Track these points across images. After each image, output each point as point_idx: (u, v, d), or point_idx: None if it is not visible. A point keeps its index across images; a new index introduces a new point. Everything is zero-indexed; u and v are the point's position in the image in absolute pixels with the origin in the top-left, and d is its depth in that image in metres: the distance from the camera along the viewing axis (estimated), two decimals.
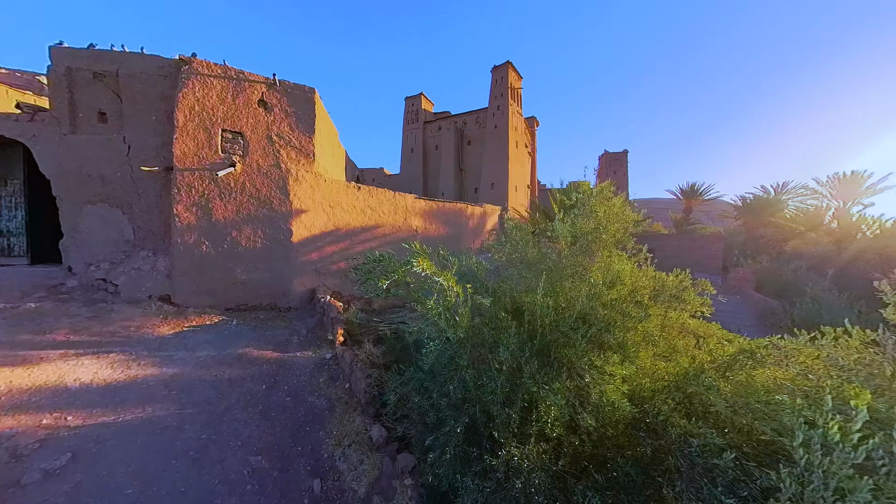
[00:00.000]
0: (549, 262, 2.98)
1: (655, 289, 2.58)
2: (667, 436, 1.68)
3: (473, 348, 2.27)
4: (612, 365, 1.83)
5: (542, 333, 2.25)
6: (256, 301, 7.06)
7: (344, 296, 8.47)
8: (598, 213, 2.96)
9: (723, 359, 1.93)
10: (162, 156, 6.57)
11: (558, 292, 2.58)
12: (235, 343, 5.81)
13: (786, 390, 1.69)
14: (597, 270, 3.01)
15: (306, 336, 6.59)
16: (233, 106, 6.74)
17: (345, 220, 8.40)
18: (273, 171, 7.11)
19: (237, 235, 6.80)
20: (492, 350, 2.15)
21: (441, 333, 2.27)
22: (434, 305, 2.20)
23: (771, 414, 1.63)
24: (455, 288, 2.17)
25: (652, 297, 2.40)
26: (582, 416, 1.70)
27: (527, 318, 2.32)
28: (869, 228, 17.10)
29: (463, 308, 2.21)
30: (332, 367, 5.57)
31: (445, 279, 2.17)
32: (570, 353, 2.04)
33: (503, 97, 18.42)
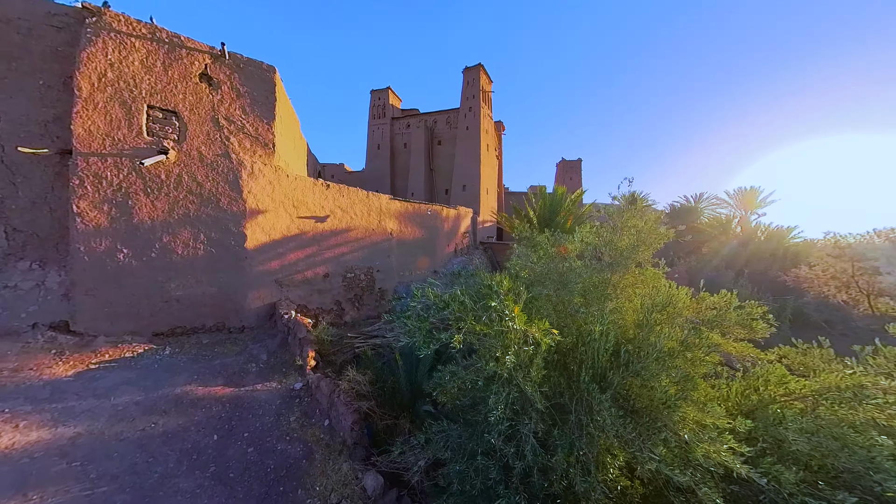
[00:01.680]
0: (583, 279, 2.69)
1: (699, 311, 2.43)
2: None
3: (545, 400, 1.83)
4: (714, 416, 1.56)
5: (608, 372, 1.91)
6: (198, 322, 5.72)
7: (311, 309, 7.41)
8: (634, 228, 2.74)
9: (807, 393, 1.77)
10: (54, 134, 4.90)
11: (605, 318, 2.27)
12: (171, 380, 4.55)
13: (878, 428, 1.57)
14: (631, 288, 2.80)
15: (267, 362, 5.49)
16: (164, 77, 5.33)
17: (311, 222, 7.34)
18: (220, 163, 5.83)
19: (170, 241, 5.41)
20: (566, 405, 1.75)
21: (504, 389, 1.79)
22: (507, 359, 1.70)
23: (870, 457, 1.47)
24: (542, 339, 1.70)
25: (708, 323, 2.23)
26: (701, 488, 1.39)
27: (588, 354, 1.97)
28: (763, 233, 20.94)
29: (538, 357, 1.77)
30: (305, 400, 4.67)
31: (538, 329, 1.69)
32: (651, 398, 1.73)
33: (475, 99, 18.36)
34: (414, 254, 10.65)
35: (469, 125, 18.39)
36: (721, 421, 1.56)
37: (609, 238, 2.70)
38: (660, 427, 1.69)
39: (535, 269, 2.93)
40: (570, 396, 1.87)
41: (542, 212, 9.07)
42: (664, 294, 2.31)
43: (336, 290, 7.88)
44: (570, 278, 2.72)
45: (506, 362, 1.69)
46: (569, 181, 34.20)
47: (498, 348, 1.80)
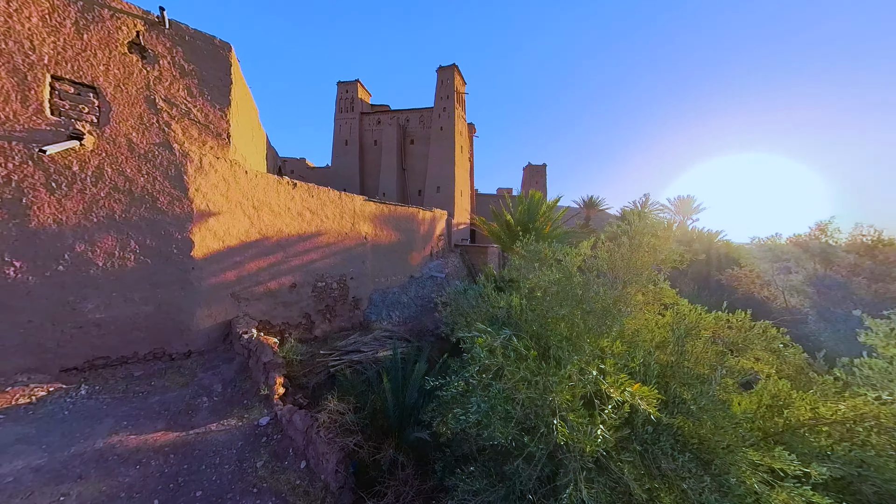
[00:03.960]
0: (600, 298, 2.52)
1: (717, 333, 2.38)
2: None
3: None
4: (783, 461, 1.42)
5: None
6: (127, 350, 4.63)
7: (275, 325, 6.52)
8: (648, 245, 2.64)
9: (839, 419, 1.74)
10: None
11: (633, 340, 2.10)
12: (89, 430, 3.54)
13: None
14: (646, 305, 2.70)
15: (223, 393, 4.62)
16: (77, 41, 4.20)
17: (275, 226, 6.45)
18: (158, 154, 4.79)
19: (87, 250, 4.28)
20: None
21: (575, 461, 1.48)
22: (598, 432, 1.38)
23: None
24: (648, 409, 1.40)
25: (732, 345, 2.18)
26: None
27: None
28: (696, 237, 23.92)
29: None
30: (275, 438, 3.96)
31: (642, 398, 1.38)
32: (701, 436, 1.57)
33: (449, 99, 18.04)
34: (390, 258, 10.05)
35: (443, 126, 18.06)
36: (790, 466, 1.45)
37: (628, 256, 2.56)
38: (718, 473, 1.54)
39: (550, 289, 2.70)
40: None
41: (521, 217, 9.10)
42: (692, 316, 2.21)
43: (305, 301, 7.05)
44: (588, 297, 2.53)
45: (594, 438, 1.39)
46: (535, 184, 35.67)
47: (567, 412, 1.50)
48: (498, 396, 1.86)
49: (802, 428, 1.95)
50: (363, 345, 7.22)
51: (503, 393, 1.83)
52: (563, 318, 2.49)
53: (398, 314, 9.83)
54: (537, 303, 2.63)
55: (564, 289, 2.61)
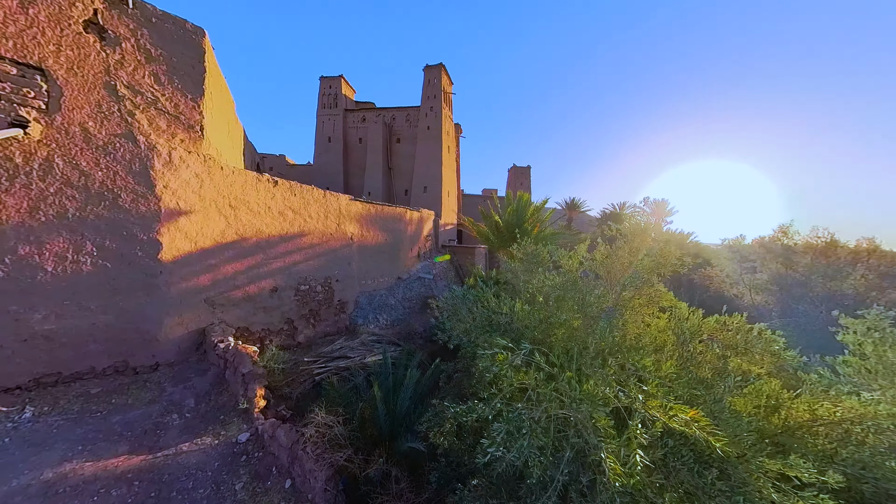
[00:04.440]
0: (599, 301, 2.48)
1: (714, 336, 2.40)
2: None
3: None
4: (798, 468, 1.39)
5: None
6: (83, 364, 4.15)
7: (254, 332, 6.12)
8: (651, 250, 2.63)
9: (837, 420, 1.76)
10: None
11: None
12: (36, 459, 3.11)
13: None
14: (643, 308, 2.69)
15: (196, 409, 4.23)
16: (21, 17, 3.70)
17: (255, 226, 6.05)
18: (120, 146, 4.33)
19: (32, 253, 3.79)
20: None
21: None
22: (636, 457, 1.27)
23: None
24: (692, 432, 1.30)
25: (733, 349, 2.19)
26: None
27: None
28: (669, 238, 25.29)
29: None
30: (256, 455, 3.66)
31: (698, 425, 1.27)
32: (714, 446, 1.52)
33: (436, 99, 17.83)
34: (377, 260, 9.77)
35: (430, 125, 17.85)
36: (805, 474, 1.43)
37: (628, 260, 2.54)
38: (734, 483, 1.51)
39: (551, 293, 2.63)
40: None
41: (510, 218, 9.11)
42: (694, 319, 2.20)
43: (287, 306, 6.68)
44: (590, 301, 2.48)
45: (633, 467, 1.30)
46: (519, 186, 36.18)
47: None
48: (528, 423, 1.74)
49: (800, 429, 1.97)
50: (350, 350, 6.94)
51: (533, 419, 1.71)
52: (563, 324, 2.42)
53: (386, 317, 9.57)
54: (539, 308, 2.56)
55: (567, 293, 2.54)
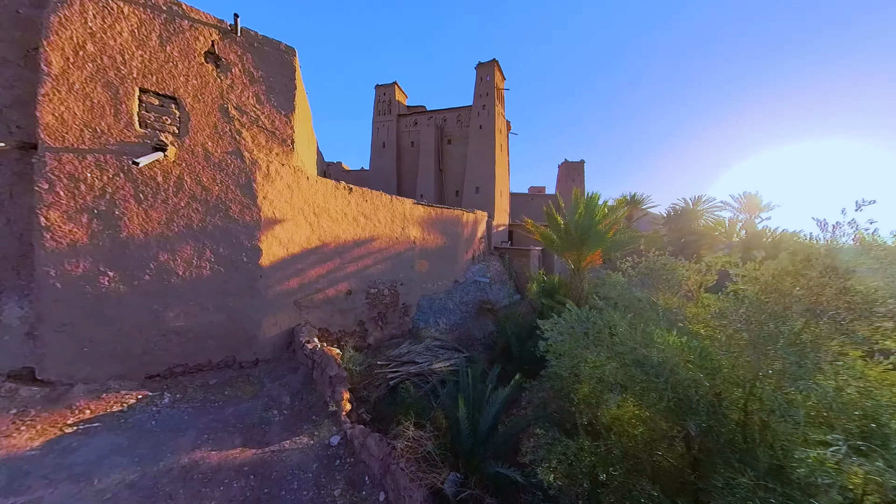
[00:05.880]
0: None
1: None
2: None
3: None
4: None
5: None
6: (202, 357, 4.67)
7: (332, 332, 6.42)
8: None
9: None
10: (12, 122, 3.77)
11: None
12: (174, 443, 3.52)
13: None
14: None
15: (292, 406, 4.50)
16: (161, 54, 4.26)
17: (333, 231, 6.34)
18: (231, 162, 4.79)
19: (169, 259, 4.34)
20: None
21: None
22: None
23: None
24: None
25: None
26: None
27: None
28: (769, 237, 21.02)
29: None
30: (348, 461, 3.72)
31: None
32: None
33: (489, 96, 17.41)
34: (437, 263, 9.73)
35: (483, 124, 17.46)
36: None
37: (819, 283, 1.87)
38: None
39: (727, 326, 2.06)
40: None
41: (581, 220, 8.30)
42: None
43: (359, 308, 6.91)
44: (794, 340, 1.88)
45: None
46: (571, 183, 33.66)
47: None
48: None
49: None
50: (417, 355, 6.94)
51: None
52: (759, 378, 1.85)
53: (445, 321, 9.49)
54: (721, 346, 1.93)
55: (762, 328, 1.95)
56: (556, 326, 3.02)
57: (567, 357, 2.79)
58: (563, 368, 2.90)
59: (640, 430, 2.39)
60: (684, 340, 2.03)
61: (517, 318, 9.59)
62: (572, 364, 2.72)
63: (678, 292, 2.73)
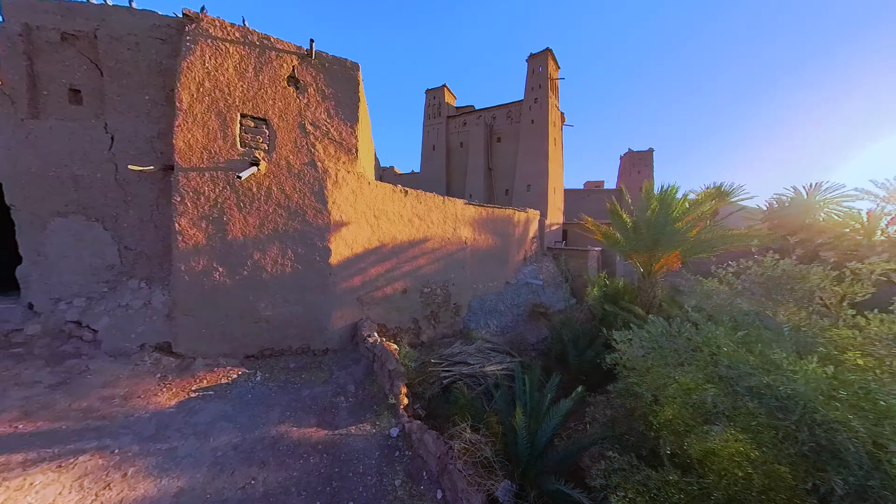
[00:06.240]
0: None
1: None
2: None
3: None
4: None
5: None
6: (285, 343, 5.35)
7: (389, 328, 6.78)
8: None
9: None
10: (158, 150, 4.82)
11: None
12: (265, 416, 4.11)
13: None
14: None
15: (356, 395, 4.89)
16: (255, 83, 4.99)
17: (391, 233, 6.69)
18: (307, 172, 5.38)
19: (261, 258, 5.07)
20: None
21: None
22: None
23: None
24: None
25: None
26: None
27: None
28: None
29: None
30: (406, 454, 3.88)
31: None
32: None
33: (541, 89, 16.58)
34: (487, 264, 9.60)
35: (534, 118, 16.68)
36: None
37: None
38: None
39: None
40: None
41: (654, 216, 7.31)
42: None
43: (414, 306, 7.17)
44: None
45: None
46: (636, 175, 29.95)
47: None
48: None
49: None
50: (469, 356, 6.92)
51: None
52: None
53: (496, 323, 9.30)
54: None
55: None
56: (634, 339, 2.67)
57: (650, 375, 2.44)
58: (643, 387, 2.54)
59: (746, 471, 1.98)
60: (831, 371, 1.55)
61: (574, 324, 8.92)
62: (655, 384, 2.36)
63: (808, 307, 2.14)
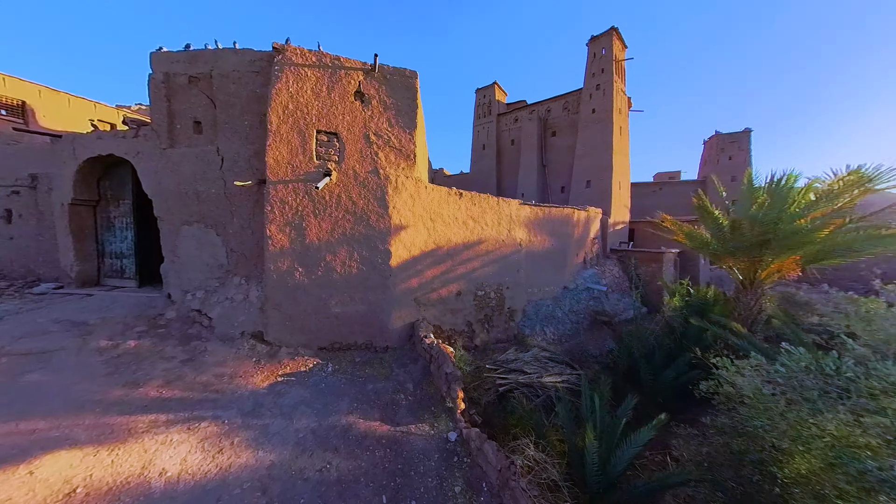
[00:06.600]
0: None
1: None
2: None
3: None
4: None
5: None
6: (351, 339, 5.78)
7: (444, 330, 6.85)
8: None
9: None
10: (254, 167, 5.64)
11: None
12: (336, 405, 4.49)
13: None
14: None
15: (414, 394, 5.04)
16: (328, 101, 5.49)
17: (446, 235, 6.75)
18: (370, 179, 5.73)
19: (332, 259, 5.57)
20: None
21: None
22: None
23: None
24: None
25: None
26: None
27: None
28: None
29: None
30: (465, 461, 3.84)
31: None
32: None
33: (605, 73, 14.95)
34: (543, 267, 9.07)
35: (596, 107, 15.16)
36: None
37: None
38: None
39: None
40: None
41: (763, 212, 5.99)
42: None
43: (467, 309, 7.13)
44: None
45: None
46: (727, 162, 24.98)
47: None
48: None
49: None
50: (525, 364, 6.61)
51: None
52: None
53: (552, 330, 8.73)
54: None
55: None
56: (754, 370, 2.13)
57: (780, 418, 1.91)
58: (772, 434, 2.00)
59: None
60: None
61: (647, 336, 7.85)
62: (788, 431, 1.83)
63: None
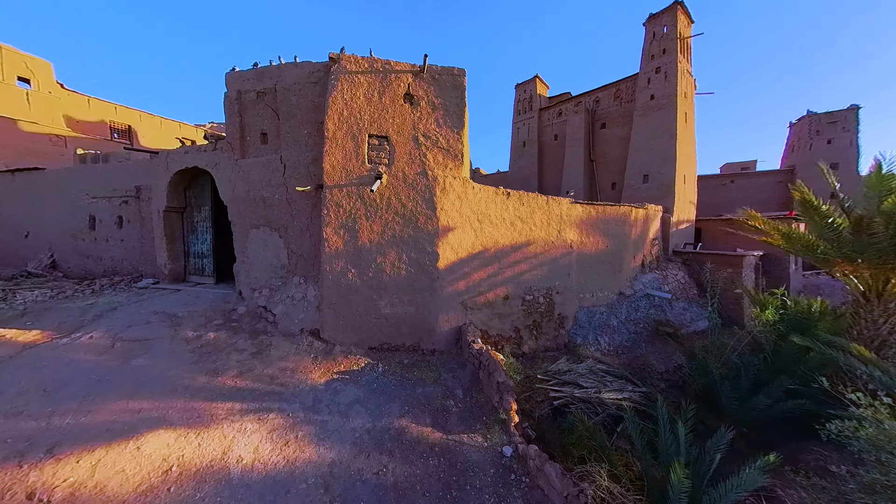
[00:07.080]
0: None
1: None
2: None
3: None
4: None
5: None
6: (399, 340, 5.82)
7: (491, 336, 6.60)
8: None
9: None
10: (312, 173, 5.95)
11: None
12: (388, 406, 4.50)
13: None
14: None
15: (464, 401, 4.87)
16: (379, 105, 5.58)
17: (493, 237, 6.50)
18: (419, 181, 5.71)
19: (382, 261, 5.65)
20: None
21: None
22: None
23: None
24: None
25: None
26: None
27: None
28: None
29: None
30: (524, 480, 3.56)
31: None
32: None
33: (665, 54, 13.23)
34: (596, 270, 8.35)
35: (655, 93, 13.54)
36: None
37: None
38: None
39: None
40: None
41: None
42: None
43: (515, 314, 6.80)
44: None
45: None
46: (824, 147, 20.62)
47: None
48: None
49: None
50: (579, 376, 6.08)
51: None
52: None
53: (607, 340, 7.98)
54: None
55: None
56: None
57: None
58: None
59: None
60: None
61: (727, 353, 6.77)
62: None
63: None
